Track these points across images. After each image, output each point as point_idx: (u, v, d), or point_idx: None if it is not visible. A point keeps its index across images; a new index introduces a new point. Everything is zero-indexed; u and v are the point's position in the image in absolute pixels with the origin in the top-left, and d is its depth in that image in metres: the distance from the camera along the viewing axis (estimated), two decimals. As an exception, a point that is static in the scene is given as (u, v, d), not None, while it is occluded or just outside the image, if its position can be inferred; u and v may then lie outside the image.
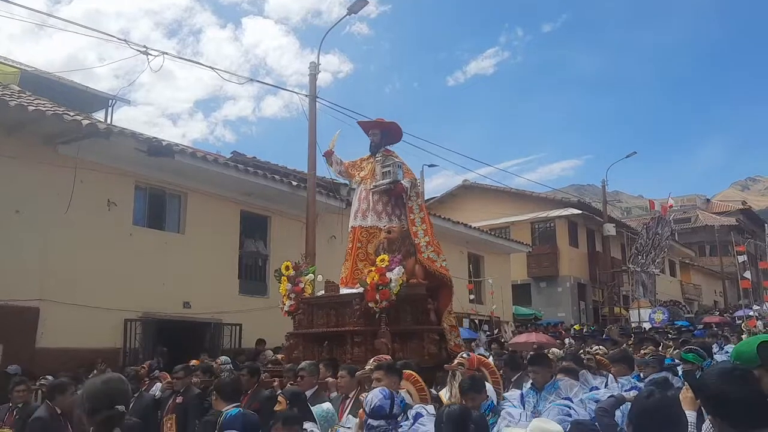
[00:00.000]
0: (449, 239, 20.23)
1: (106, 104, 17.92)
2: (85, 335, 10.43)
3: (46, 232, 10.35)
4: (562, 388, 4.97)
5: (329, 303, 8.04)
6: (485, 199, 29.08)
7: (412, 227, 8.48)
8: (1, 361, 9.46)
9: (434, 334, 7.86)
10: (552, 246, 28.15)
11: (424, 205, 9.23)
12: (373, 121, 9.38)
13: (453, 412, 3.63)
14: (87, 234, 10.84)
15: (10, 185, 10.13)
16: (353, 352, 7.31)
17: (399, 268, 7.37)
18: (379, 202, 8.61)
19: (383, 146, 8.99)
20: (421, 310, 8.00)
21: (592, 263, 29.74)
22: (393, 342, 7.26)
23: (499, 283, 20.85)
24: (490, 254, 22.74)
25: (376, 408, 3.97)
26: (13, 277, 9.86)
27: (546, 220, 28.51)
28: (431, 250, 8.40)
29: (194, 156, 12.39)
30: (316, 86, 13.31)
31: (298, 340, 8.14)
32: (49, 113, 9.80)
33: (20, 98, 10.19)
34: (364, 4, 13.09)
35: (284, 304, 8.31)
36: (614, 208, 52.22)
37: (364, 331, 7.38)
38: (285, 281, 8.36)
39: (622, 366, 6.30)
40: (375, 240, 8.43)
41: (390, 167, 8.53)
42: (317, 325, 8.01)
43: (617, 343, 12.03)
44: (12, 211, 10.10)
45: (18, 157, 10.18)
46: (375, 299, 7.25)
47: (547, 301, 27.99)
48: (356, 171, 9.02)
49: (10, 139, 10.17)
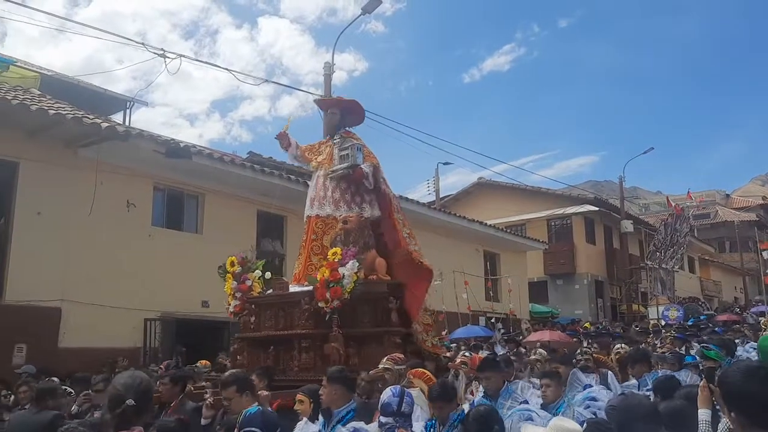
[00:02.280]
0: (465, 237, 20.25)
1: (125, 106, 18.14)
2: (106, 335, 10.60)
3: (68, 234, 10.54)
4: (518, 392, 4.80)
5: (278, 303, 7.16)
6: (501, 197, 29.01)
7: (393, 214, 7.84)
8: (26, 361, 9.65)
9: (396, 337, 6.78)
10: (569, 243, 28.01)
11: (393, 194, 8.35)
12: (331, 99, 8.56)
13: (478, 412, 3.67)
14: (107, 235, 11.01)
15: (32, 188, 10.33)
16: (301, 359, 6.53)
17: (353, 263, 6.54)
18: (336, 189, 7.73)
19: (343, 127, 8.15)
20: (381, 310, 6.97)
21: (609, 260, 29.54)
22: (347, 347, 6.50)
23: (515, 280, 20.80)
24: (506, 252, 22.70)
25: (384, 405, 4.02)
26: (36, 278, 10.06)
27: (562, 217, 28.36)
28: (414, 242, 7.76)
29: (211, 157, 12.54)
30: (330, 86, 13.42)
31: (243, 344, 7.36)
32: (69, 117, 9.98)
33: (41, 102, 10.37)
34: (378, 3, 13.15)
35: (229, 305, 7.57)
36: (632, 205, 51.81)
37: (312, 335, 6.58)
38: (230, 279, 7.60)
39: (641, 365, 6.21)
40: (332, 231, 7.59)
41: (348, 150, 7.66)
42: (264, 327, 7.13)
43: (635, 342, 11.95)
44: (34, 213, 10.29)
45: (39, 160, 10.38)
46: (325, 298, 6.45)
47: (564, 298, 27.86)
48: (313, 155, 8.18)
49: (31, 143, 10.36)
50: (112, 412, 2.60)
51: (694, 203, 30.84)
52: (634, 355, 6.64)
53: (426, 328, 7.44)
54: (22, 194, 10.32)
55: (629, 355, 6.94)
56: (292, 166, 15.81)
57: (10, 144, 10.12)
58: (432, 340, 7.46)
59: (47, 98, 11.19)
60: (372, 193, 7.80)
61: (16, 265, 10.07)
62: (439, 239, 18.76)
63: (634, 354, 6.77)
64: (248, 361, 7.02)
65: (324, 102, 8.57)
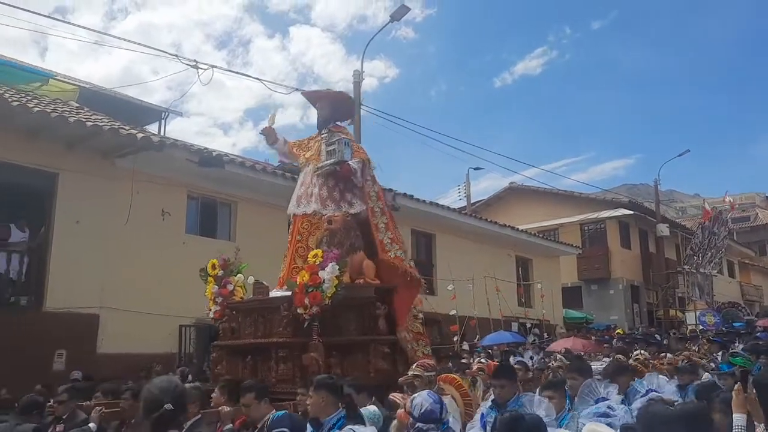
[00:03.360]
0: (496, 242, 20.12)
1: (159, 117, 18.52)
2: (142, 341, 10.80)
3: (106, 242, 10.79)
4: (527, 405, 4.45)
5: (258, 309, 6.72)
6: (533, 202, 28.74)
7: (371, 218, 7.27)
8: (66, 367, 9.89)
9: (383, 346, 6.37)
10: (603, 248, 27.59)
11: (382, 193, 7.86)
12: (318, 92, 8.09)
13: (505, 419, 3.66)
14: (143, 243, 11.24)
15: (71, 198, 10.61)
16: (278, 370, 6.10)
17: (332, 266, 6.12)
18: (324, 187, 7.29)
19: (333, 121, 7.74)
20: (368, 316, 6.56)
21: (645, 265, 29.00)
22: (329, 356, 6.10)
23: (548, 286, 20.57)
24: (538, 257, 22.48)
25: (426, 412, 4.02)
26: (76, 286, 10.32)
27: (596, 222, 27.96)
28: (397, 248, 7.23)
29: (244, 165, 12.72)
30: (360, 93, 13.49)
31: (222, 353, 6.93)
32: (106, 128, 10.23)
33: (79, 114, 10.66)
34: (406, 11, 13.22)
35: (210, 310, 7.22)
36: (668, 208, 50.80)
37: (290, 344, 6.13)
38: (211, 282, 7.22)
39: (689, 375, 6.01)
40: (318, 232, 7.17)
41: (335, 145, 7.25)
42: (245, 335, 6.72)
43: (673, 348, 11.70)
44: (73, 223, 10.56)
45: (78, 170, 10.66)
46: (304, 304, 6.04)
47: (598, 304, 27.42)
48: (302, 151, 7.80)
49: (70, 154, 10.65)
50: (149, 416, 2.64)
51: (728, 206, 29.96)
52: (685, 368, 6.32)
53: (416, 337, 7.00)
54: (62, 204, 10.60)
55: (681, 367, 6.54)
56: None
57: (50, 155, 10.41)
58: (423, 349, 6.97)
59: (85, 110, 11.49)
60: (360, 191, 7.40)
61: (56, 273, 10.35)
62: (470, 245, 18.69)
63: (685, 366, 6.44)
64: (227, 371, 6.63)
65: (312, 95, 8.11)
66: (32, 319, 10.00)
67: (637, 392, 5.17)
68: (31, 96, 11.02)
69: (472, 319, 15.53)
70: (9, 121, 9.68)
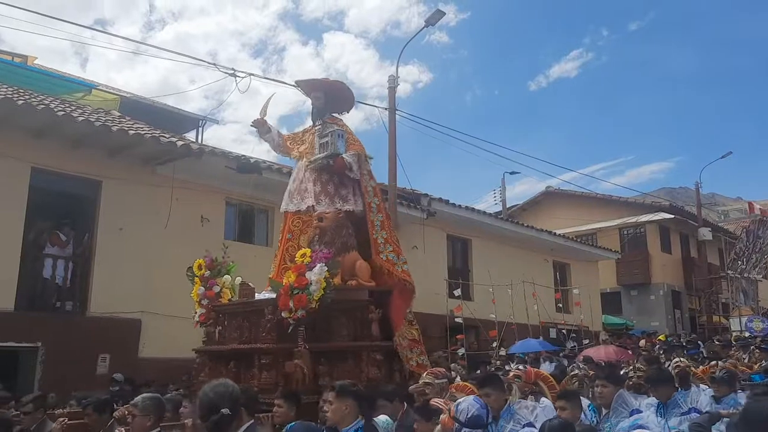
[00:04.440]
0: (533, 247, 19.90)
1: (197, 124, 18.81)
2: (182, 345, 10.91)
3: (147, 248, 10.98)
4: (520, 414, 4.33)
5: (242, 312, 6.32)
6: (570, 206, 28.34)
7: (369, 214, 6.80)
8: (109, 371, 10.10)
9: (377, 354, 5.93)
10: (643, 252, 27.04)
11: (378, 189, 7.27)
12: (313, 81, 7.54)
13: (554, 426, 3.60)
14: (183, 249, 11.40)
15: (113, 205, 10.84)
16: (261, 378, 5.63)
17: (320, 266, 5.66)
18: (317, 182, 6.82)
19: (329, 113, 7.26)
20: (360, 321, 6.10)
21: (687, 269, 28.33)
22: (317, 364, 5.69)
23: (586, 291, 20.25)
24: (576, 262, 22.15)
25: (473, 417, 4.00)
26: (118, 291, 10.53)
27: (635, 226, 27.42)
28: (390, 249, 6.69)
29: (280, 172, 12.82)
30: (395, 99, 13.51)
31: (205, 358, 6.54)
32: (147, 136, 10.45)
33: (121, 123, 10.91)
34: (441, 15, 13.20)
35: (195, 313, 6.77)
36: (710, 212, 49.57)
37: (274, 350, 5.69)
38: (198, 284, 6.78)
39: (724, 386, 5.52)
40: (310, 230, 6.75)
41: (328, 137, 6.77)
42: (230, 339, 6.32)
43: (717, 355, 11.35)
44: (116, 229, 10.79)
45: (120, 178, 10.91)
46: (288, 307, 5.60)
47: (639, 309, 26.87)
48: (296, 145, 7.36)
49: (112, 162, 10.89)
50: (207, 420, 2.66)
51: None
52: (721, 377, 5.73)
53: (411, 345, 6.50)
54: (105, 211, 10.84)
55: (718, 378, 5.89)
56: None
57: (93, 163, 10.67)
58: (417, 358, 6.49)
59: (126, 119, 11.76)
60: (357, 186, 6.96)
61: (99, 278, 10.58)
62: (506, 249, 18.53)
63: (722, 376, 5.83)
64: (210, 379, 5.89)
65: (306, 84, 7.52)
66: (77, 323, 10.25)
67: (678, 406, 4.85)
68: (75, 106, 11.33)
69: (512, 324, 15.37)
70: (55, 130, 9.96)
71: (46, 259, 10.48)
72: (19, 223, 9.90)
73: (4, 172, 9.70)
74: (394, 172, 13.05)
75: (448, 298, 15.37)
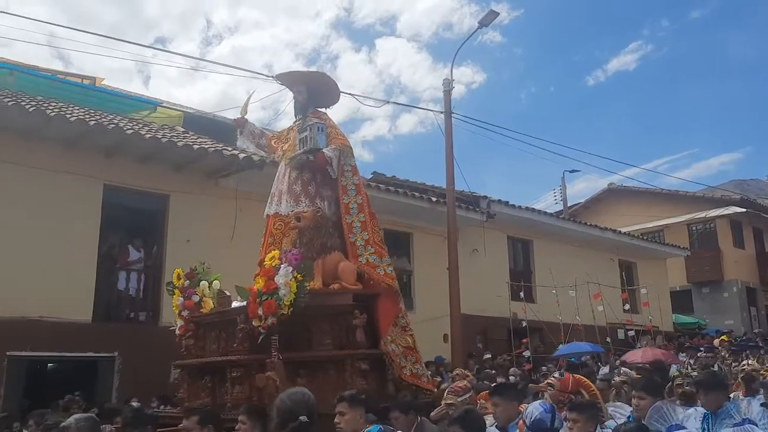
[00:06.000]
0: (597, 246, 19.43)
1: (256, 136, 19.20)
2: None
3: (214, 260, 11.26)
4: None
5: (218, 323, 5.97)
6: (634, 202, 27.51)
7: (345, 216, 6.37)
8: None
9: (362, 363, 5.46)
10: (713, 248, 25.98)
11: (363, 185, 6.81)
12: (294, 73, 7.16)
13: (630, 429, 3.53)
14: (248, 260, 11.66)
15: (180, 217, 11.22)
16: (233, 392, 5.24)
17: (285, 267, 5.24)
18: (297, 181, 6.44)
19: (311, 107, 6.83)
20: (345, 328, 5.66)
21: (762, 265, 27.06)
22: (295, 376, 5.20)
23: (655, 290, 19.60)
24: (643, 260, 21.49)
25: (536, 421, 3.95)
26: (188, 301, 10.84)
27: (705, 221, 26.39)
28: (371, 252, 6.24)
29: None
30: (450, 102, 13.44)
31: (183, 373, 6.20)
32: (211, 150, 10.77)
33: (185, 138, 11.29)
34: (495, 16, 13.05)
35: (174, 325, 6.50)
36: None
37: (245, 362, 5.27)
38: (177, 294, 6.48)
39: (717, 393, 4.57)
40: (293, 233, 6.34)
41: (307, 131, 6.34)
42: (210, 352, 5.95)
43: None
44: (183, 241, 11.14)
45: (186, 191, 11.29)
46: (258, 315, 5.17)
47: (711, 308, 25.82)
48: (280, 143, 7.01)
49: (178, 176, 11.27)
50: (284, 427, 2.70)
51: None
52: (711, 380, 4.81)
53: (406, 353, 6.02)
54: (173, 224, 11.22)
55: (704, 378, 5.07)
56: (415, 183, 16.00)
57: (161, 178, 11.07)
58: (412, 367, 6.01)
59: (190, 134, 12.15)
60: (334, 184, 6.54)
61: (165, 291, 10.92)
62: (569, 249, 18.15)
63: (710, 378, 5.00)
64: (189, 394, 5.84)
65: (287, 78, 7.11)
66: (150, 333, 10.60)
67: (731, 417, 4.31)
68: (142, 123, 11.79)
69: (578, 326, 15.04)
70: (124, 148, 10.40)
71: (120, 272, 10.92)
72: (94, 238, 10.36)
73: (79, 190, 10.19)
74: (451, 175, 13.00)
75: (510, 300, 15.20)
